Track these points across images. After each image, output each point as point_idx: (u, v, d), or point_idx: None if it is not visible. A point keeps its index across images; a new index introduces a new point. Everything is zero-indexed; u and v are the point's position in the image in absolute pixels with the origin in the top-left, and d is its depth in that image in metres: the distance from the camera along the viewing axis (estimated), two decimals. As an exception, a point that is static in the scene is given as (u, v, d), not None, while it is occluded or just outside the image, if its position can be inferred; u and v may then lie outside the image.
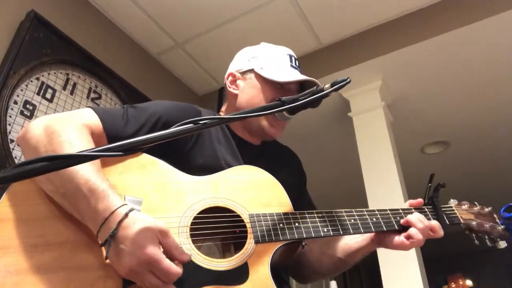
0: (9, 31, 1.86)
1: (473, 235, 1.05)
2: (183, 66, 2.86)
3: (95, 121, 0.84)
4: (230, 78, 1.14)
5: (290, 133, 1.13)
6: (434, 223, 0.96)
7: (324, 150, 3.36)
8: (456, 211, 1.07)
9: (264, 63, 1.10)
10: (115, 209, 0.67)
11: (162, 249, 0.67)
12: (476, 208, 1.11)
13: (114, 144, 0.57)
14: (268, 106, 0.79)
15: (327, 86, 0.84)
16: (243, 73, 1.12)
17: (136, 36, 2.62)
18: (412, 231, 0.91)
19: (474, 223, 1.05)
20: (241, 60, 1.16)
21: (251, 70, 1.10)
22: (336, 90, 0.82)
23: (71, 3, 2.24)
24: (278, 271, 0.99)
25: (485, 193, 4.29)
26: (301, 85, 1.10)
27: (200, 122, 0.65)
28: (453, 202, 1.11)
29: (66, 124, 0.79)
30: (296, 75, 1.07)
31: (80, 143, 0.76)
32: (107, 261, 0.68)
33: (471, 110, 2.96)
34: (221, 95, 2.73)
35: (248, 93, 1.09)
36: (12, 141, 1.72)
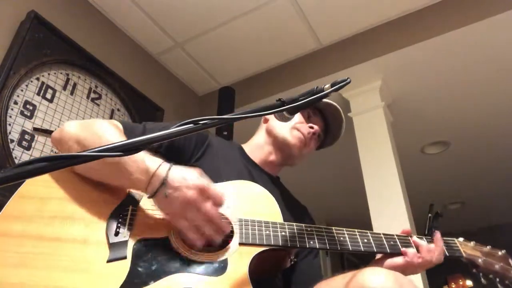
0: (9, 31, 1.86)
1: (480, 273, 1.02)
2: (183, 66, 2.86)
3: (119, 126, 0.95)
4: None
5: (290, 133, 1.14)
6: (431, 245, 0.96)
7: (324, 150, 3.35)
8: (458, 245, 1.05)
9: None
10: (161, 162, 0.80)
11: None
12: (485, 248, 1.08)
13: (115, 144, 0.57)
14: (268, 106, 0.79)
15: (327, 86, 0.83)
16: None
17: (136, 36, 2.62)
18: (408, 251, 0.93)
19: (480, 260, 1.02)
20: None
21: None
22: (336, 90, 0.82)
23: (71, 3, 2.24)
24: (274, 281, 0.98)
25: (485, 193, 4.30)
26: (326, 124, 1.26)
27: (200, 122, 0.65)
28: (459, 239, 1.08)
29: (98, 120, 0.93)
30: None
31: (117, 130, 0.88)
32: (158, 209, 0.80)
33: (471, 110, 2.96)
34: (221, 95, 2.73)
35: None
36: (12, 141, 1.72)
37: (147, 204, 0.84)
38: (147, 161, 0.79)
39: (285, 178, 1.25)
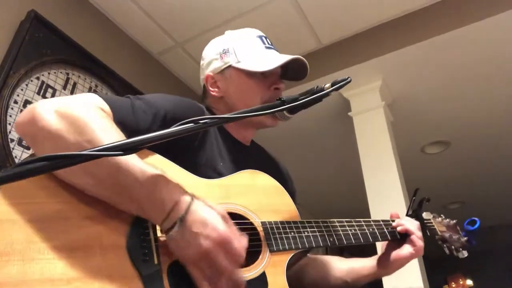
0: (9, 30, 1.86)
1: (445, 245, 1.14)
2: (183, 66, 2.86)
3: (106, 108, 0.77)
4: (209, 81, 1.07)
5: (290, 133, 1.13)
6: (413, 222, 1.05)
7: (324, 149, 3.36)
8: (434, 224, 1.15)
9: (239, 55, 1.03)
10: (182, 196, 0.67)
11: None
12: (445, 221, 1.21)
13: (114, 143, 0.57)
14: (268, 105, 0.79)
15: (327, 85, 0.84)
16: (221, 72, 1.05)
17: (136, 36, 2.62)
18: (414, 238, 0.99)
19: (447, 234, 1.15)
20: (213, 59, 1.08)
21: (228, 67, 1.03)
22: (336, 89, 0.82)
23: (71, 3, 2.24)
24: None
25: (485, 193, 4.30)
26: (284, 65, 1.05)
27: (200, 121, 0.64)
28: (427, 215, 1.19)
29: (82, 107, 0.71)
30: (277, 59, 1.01)
31: (112, 129, 0.70)
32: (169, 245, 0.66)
33: (471, 110, 2.96)
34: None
35: (236, 93, 1.04)
36: (12, 140, 1.72)
37: None
38: (163, 189, 0.66)
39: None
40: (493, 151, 3.51)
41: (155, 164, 0.74)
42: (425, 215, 1.16)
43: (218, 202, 0.81)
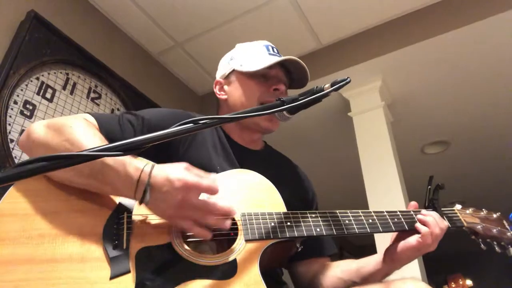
0: (9, 31, 1.86)
1: (479, 239, 1.01)
2: (183, 66, 2.86)
3: (93, 122, 0.88)
4: (218, 86, 1.16)
5: (290, 133, 1.13)
6: (433, 213, 0.96)
7: (324, 150, 3.36)
8: (458, 214, 1.04)
9: (242, 60, 1.12)
10: (143, 167, 0.74)
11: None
12: (482, 213, 1.08)
13: (114, 144, 0.57)
14: (268, 106, 0.80)
15: (327, 85, 0.84)
16: (226, 77, 1.14)
17: (136, 36, 2.62)
18: (417, 226, 0.91)
19: (479, 227, 1.01)
20: (222, 66, 1.19)
21: (232, 71, 1.13)
22: (336, 89, 0.82)
23: (71, 3, 2.24)
24: (276, 272, 0.98)
25: (485, 193, 4.30)
26: (288, 71, 1.12)
27: (200, 122, 0.65)
28: (457, 206, 1.08)
29: (69, 118, 0.84)
30: (274, 58, 1.08)
31: (90, 130, 0.80)
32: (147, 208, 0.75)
33: (471, 110, 2.96)
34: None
35: (235, 94, 1.10)
36: (12, 140, 1.72)
37: (142, 209, 0.78)
38: (128, 166, 0.74)
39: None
40: (493, 151, 3.50)
41: None
42: (455, 206, 1.07)
43: None
